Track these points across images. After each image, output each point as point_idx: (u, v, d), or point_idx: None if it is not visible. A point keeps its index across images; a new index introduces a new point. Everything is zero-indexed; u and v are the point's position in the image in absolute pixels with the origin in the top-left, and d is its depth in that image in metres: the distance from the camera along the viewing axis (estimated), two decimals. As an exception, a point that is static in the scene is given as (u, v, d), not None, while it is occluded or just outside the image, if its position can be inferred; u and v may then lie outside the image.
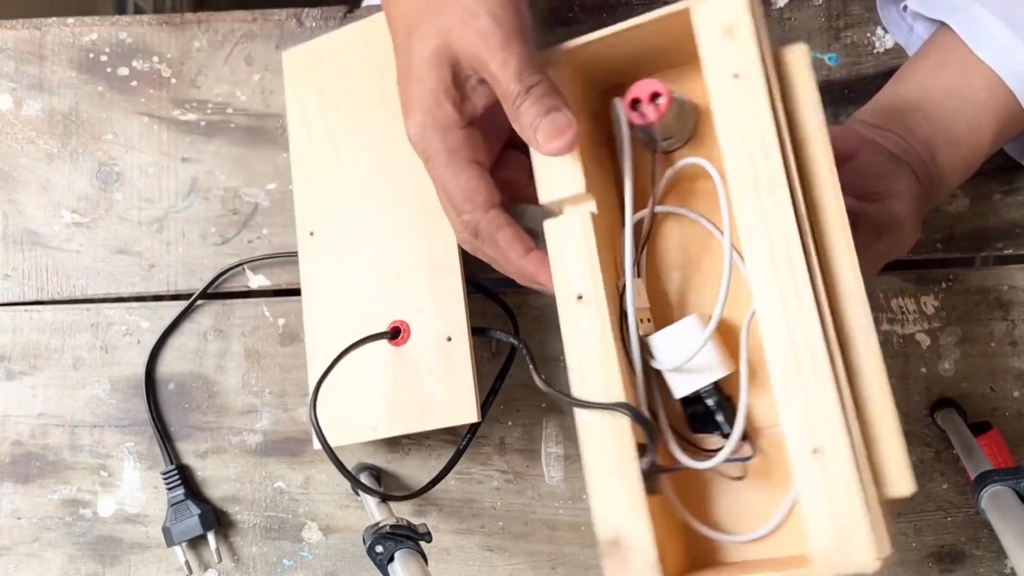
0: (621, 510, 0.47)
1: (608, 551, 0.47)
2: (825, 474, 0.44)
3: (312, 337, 0.63)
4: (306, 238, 0.64)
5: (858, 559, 0.43)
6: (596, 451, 0.49)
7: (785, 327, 0.45)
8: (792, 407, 0.45)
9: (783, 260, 0.46)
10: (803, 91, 0.48)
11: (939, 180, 0.59)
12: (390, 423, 0.60)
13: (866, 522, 0.43)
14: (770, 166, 0.46)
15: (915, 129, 0.59)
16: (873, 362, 0.46)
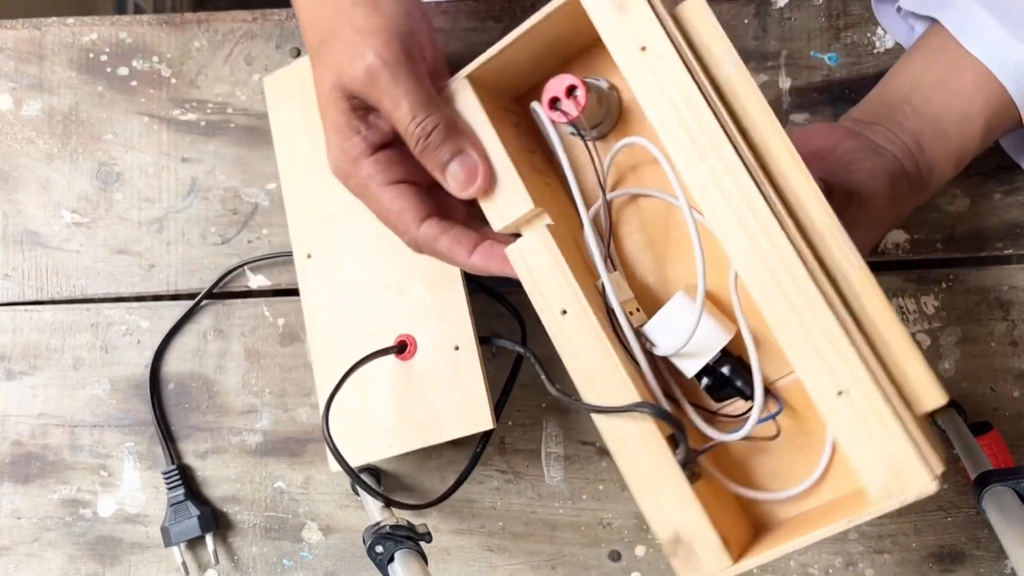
0: (671, 507, 0.48)
1: (672, 551, 0.47)
2: (857, 412, 0.44)
3: (319, 359, 0.63)
4: (303, 261, 0.64)
5: (914, 484, 0.43)
6: (629, 455, 0.49)
7: (770, 279, 0.45)
8: (804, 358, 0.45)
9: (748, 215, 0.45)
10: (714, 44, 0.46)
11: (928, 171, 0.59)
12: (406, 438, 0.60)
13: (911, 447, 0.43)
14: (705, 128, 0.46)
15: (903, 122, 0.59)
16: (866, 286, 0.45)
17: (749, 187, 0.45)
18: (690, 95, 0.46)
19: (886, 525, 0.66)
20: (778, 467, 0.52)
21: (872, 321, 0.45)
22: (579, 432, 0.67)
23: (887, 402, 0.44)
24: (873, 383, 0.44)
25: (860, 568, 0.66)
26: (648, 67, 0.46)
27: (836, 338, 0.44)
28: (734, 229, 0.45)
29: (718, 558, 0.46)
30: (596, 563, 0.67)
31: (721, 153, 0.45)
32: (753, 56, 0.69)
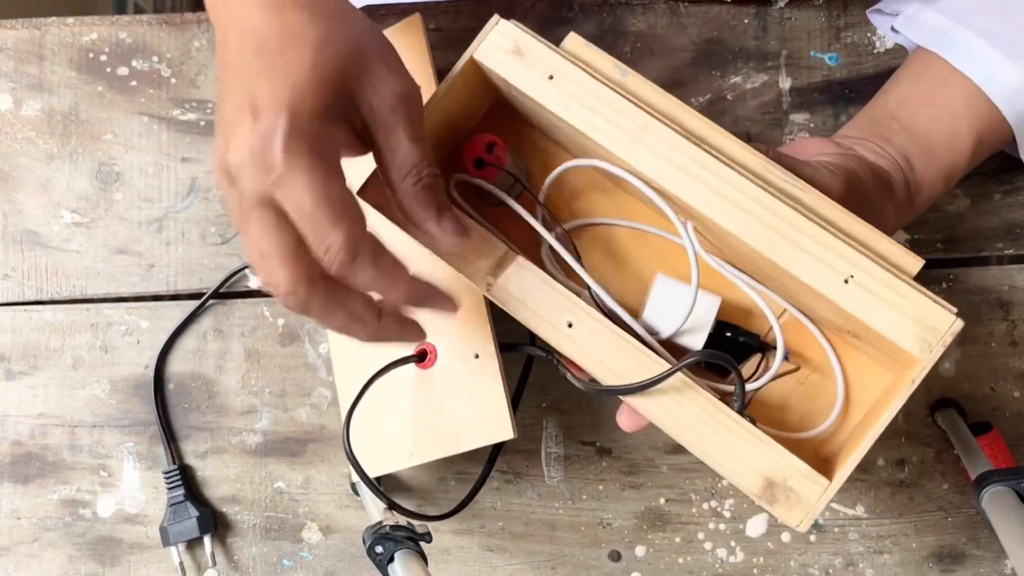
0: (750, 456, 0.49)
1: (769, 498, 0.48)
2: (868, 290, 0.48)
3: (341, 369, 0.63)
4: None
5: (943, 326, 0.47)
6: (688, 425, 0.50)
7: (745, 214, 0.49)
8: (805, 264, 0.48)
9: (700, 169, 0.49)
10: (601, 63, 0.51)
11: (917, 188, 0.59)
12: (425, 448, 0.60)
13: (923, 295, 0.47)
14: (628, 115, 0.50)
15: (891, 139, 0.59)
16: (817, 200, 0.50)
17: (688, 147, 0.49)
18: (604, 95, 0.50)
19: (886, 525, 0.66)
20: (802, 415, 0.54)
21: (837, 224, 0.49)
22: (579, 432, 0.67)
23: (888, 271, 0.48)
24: (869, 261, 0.48)
25: (860, 568, 0.66)
26: (560, 89, 0.50)
27: (823, 238, 0.48)
28: (694, 186, 0.49)
29: (815, 482, 0.48)
30: (596, 563, 0.67)
31: (651, 129, 0.49)
32: (753, 56, 0.69)
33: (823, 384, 0.54)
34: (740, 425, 0.49)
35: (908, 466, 0.66)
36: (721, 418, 0.49)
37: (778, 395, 0.55)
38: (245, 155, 0.43)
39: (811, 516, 0.47)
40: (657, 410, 0.50)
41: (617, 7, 0.70)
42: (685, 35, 0.69)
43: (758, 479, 0.48)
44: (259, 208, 0.44)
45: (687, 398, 0.49)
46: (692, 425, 0.49)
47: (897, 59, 0.69)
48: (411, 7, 0.67)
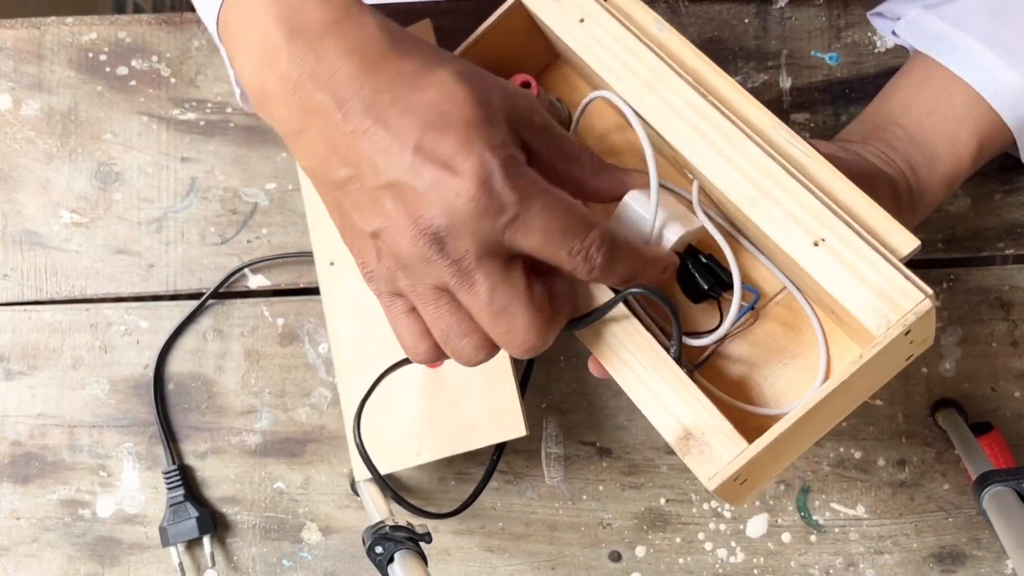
0: (674, 403, 0.48)
1: (684, 448, 0.47)
2: (836, 255, 0.45)
3: (343, 367, 0.63)
4: (326, 268, 0.64)
5: (908, 303, 0.44)
6: (622, 364, 0.49)
7: (731, 167, 0.48)
8: (775, 220, 0.47)
9: (700, 120, 0.49)
10: (642, 16, 0.52)
11: (920, 195, 0.59)
12: (434, 446, 0.60)
13: (897, 271, 0.45)
14: (648, 64, 0.50)
15: (896, 145, 0.60)
16: (821, 167, 0.48)
17: (697, 100, 0.49)
18: (629, 43, 0.51)
19: (887, 525, 0.66)
20: (778, 390, 0.52)
21: (833, 193, 0.47)
22: (579, 432, 0.67)
23: (864, 240, 0.45)
24: (847, 227, 0.46)
25: (861, 568, 0.66)
26: (588, 32, 0.52)
27: (803, 198, 0.47)
28: (692, 137, 0.49)
29: (733, 443, 0.46)
30: (596, 563, 0.66)
31: (666, 80, 0.50)
32: (753, 56, 0.69)
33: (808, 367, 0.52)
34: (672, 371, 0.48)
35: (909, 466, 0.66)
36: (655, 360, 0.48)
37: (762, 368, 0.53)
38: (463, 209, 0.40)
39: (721, 476, 0.45)
40: (602, 346, 0.50)
41: (617, 7, 0.70)
42: (685, 35, 0.69)
43: (678, 427, 0.47)
44: (487, 261, 0.42)
45: (629, 336, 0.49)
46: (629, 364, 0.49)
47: (897, 59, 0.69)
48: (413, 6, 0.67)
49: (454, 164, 0.41)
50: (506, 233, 0.41)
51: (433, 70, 0.43)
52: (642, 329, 0.49)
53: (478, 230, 0.41)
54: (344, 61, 0.42)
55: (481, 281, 0.42)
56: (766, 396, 0.52)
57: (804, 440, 0.48)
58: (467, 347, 0.45)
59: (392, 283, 0.44)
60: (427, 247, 0.41)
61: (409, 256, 0.42)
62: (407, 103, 0.42)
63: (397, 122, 0.41)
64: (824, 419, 0.48)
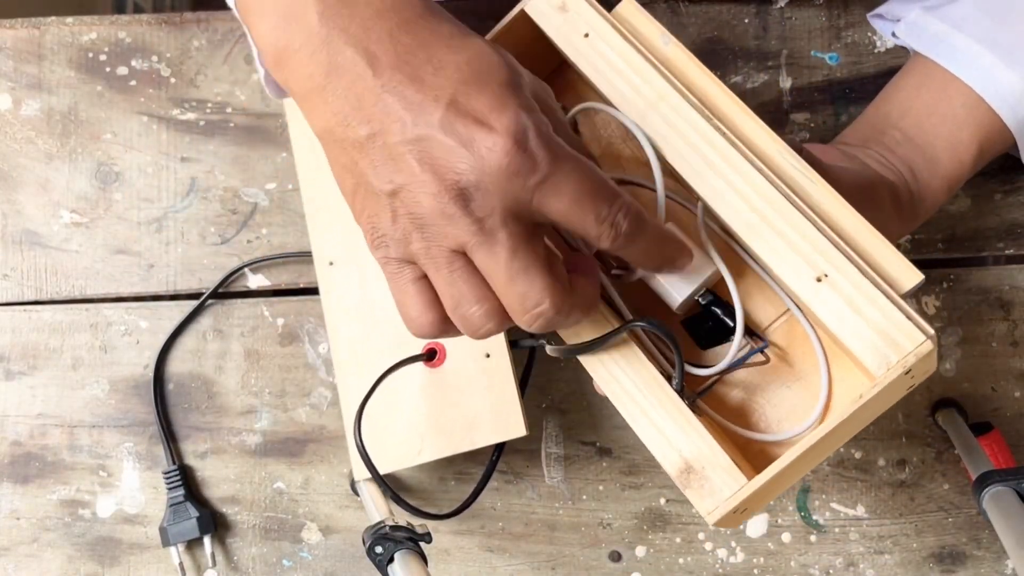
0: (676, 436, 0.48)
1: (684, 481, 0.47)
2: (840, 291, 0.45)
3: (342, 368, 0.63)
4: (325, 268, 0.63)
5: (910, 344, 0.44)
6: (624, 394, 0.49)
7: (737, 197, 0.47)
8: (779, 254, 0.46)
9: (705, 146, 0.48)
10: (647, 30, 0.52)
11: (920, 198, 0.59)
12: (434, 446, 0.60)
13: (898, 311, 0.44)
14: (650, 82, 0.50)
15: (895, 149, 0.60)
16: (825, 193, 0.48)
17: (700, 122, 0.48)
18: (632, 59, 0.50)
19: (887, 526, 0.66)
20: (780, 414, 0.52)
21: (837, 223, 0.47)
22: (579, 432, 0.67)
23: (866, 277, 0.45)
24: (849, 264, 0.45)
25: (861, 568, 0.66)
26: (592, 47, 0.51)
27: (806, 231, 0.46)
28: (695, 161, 0.48)
29: (733, 478, 0.46)
30: (596, 563, 0.66)
31: (669, 100, 0.49)
32: (753, 56, 0.69)
33: (807, 393, 0.52)
34: (674, 404, 0.48)
35: (909, 466, 0.66)
36: (657, 392, 0.48)
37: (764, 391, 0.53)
38: (494, 165, 0.40)
39: (721, 510, 0.46)
40: (605, 374, 0.50)
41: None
42: (685, 35, 0.69)
43: (679, 460, 0.47)
44: (511, 222, 0.41)
45: (631, 366, 0.49)
46: (632, 394, 0.49)
47: (897, 59, 0.68)
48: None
49: (489, 120, 0.40)
50: (535, 194, 0.41)
51: (467, 36, 0.43)
52: (645, 359, 0.49)
53: (508, 188, 0.40)
54: (379, 19, 0.42)
55: (503, 241, 0.41)
56: (768, 419, 0.52)
57: (802, 469, 0.48)
58: (478, 314, 0.43)
59: (404, 247, 0.43)
60: (451, 203, 0.40)
61: (430, 213, 0.41)
62: (442, 62, 0.42)
63: (431, 79, 0.41)
64: (822, 450, 0.48)
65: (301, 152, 0.65)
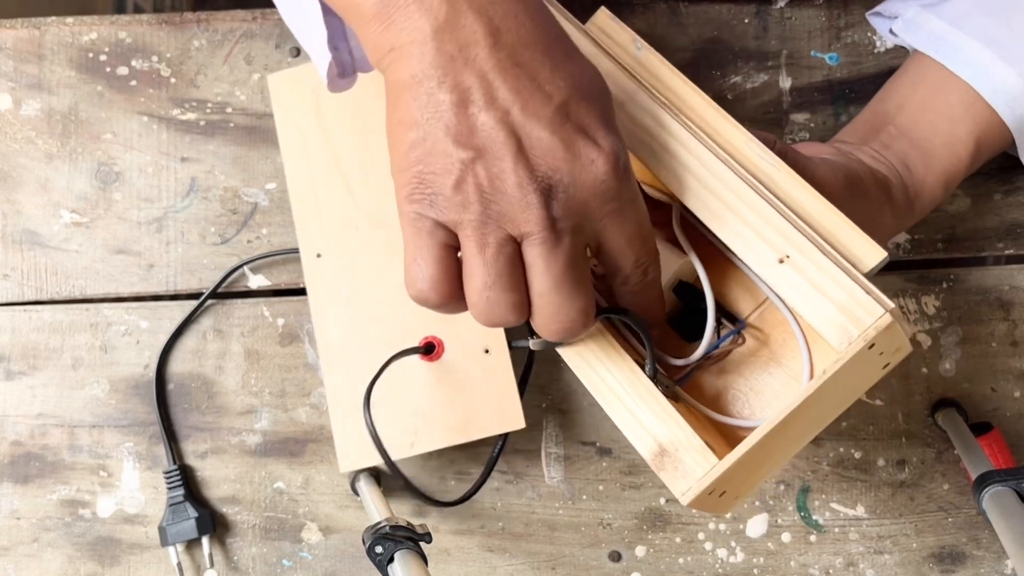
0: (649, 421, 0.48)
1: (658, 464, 0.48)
2: (801, 271, 0.46)
3: (329, 362, 0.63)
4: (313, 261, 0.63)
5: (869, 318, 0.44)
6: (600, 381, 0.50)
7: (698, 184, 0.48)
8: (741, 237, 0.47)
9: (668, 139, 0.49)
10: (620, 36, 0.53)
11: (916, 193, 0.59)
12: (430, 438, 0.60)
13: (858, 287, 0.45)
14: (620, 84, 0.51)
15: (890, 144, 0.59)
16: (788, 179, 0.48)
17: (666, 119, 0.49)
18: (600, 63, 0.51)
19: (887, 525, 0.66)
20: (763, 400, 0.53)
21: (801, 207, 0.48)
22: (579, 432, 0.67)
23: (827, 257, 0.45)
24: (810, 244, 0.46)
25: (860, 568, 0.66)
26: None
27: (767, 214, 0.47)
28: (662, 155, 0.49)
29: (705, 458, 0.47)
30: (596, 563, 0.66)
31: (636, 99, 0.50)
32: (753, 56, 0.69)
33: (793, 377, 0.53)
34: (646, 389, 0.49)
35: (908, 466, 0.66)
36: (631, 378, 0.49)
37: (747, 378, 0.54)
38: (590, 178, 0.42)
39: (694, 490, 0.46)
40: (582, 364, 0.51)
41: (617, 7, 0.69)
42: (685, 35, 0.69)
43: (653, 444, 0.48)
44: (578, 236, 0.43)
45: (606, 354, 0.50)
46: (606, 380, 0.50)
47: (897, 59, 0.69)
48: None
49: (596, 136, 0.42)
50: (605, 219, 0.43)
51: (578, 50, 0.44)
52: (619, 348, 0.50)
53: (591, 202, 0.42)
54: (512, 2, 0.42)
55: (567, 248, 0.42)
56: (752, 406, 0.53)
57: (784, 450, 0.49)
58: (504, 302, 0.44)
59: (455, 213, 0.42)
60: (535, 194, 0.41)
61: (507, 194, 0.41)
62: (557, 63, 0.42)
63: (547, 75, 0.42)
64: (802, 430, 0.48)
65: (288, 142, 0.65)
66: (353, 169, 0.64)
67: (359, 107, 0.64)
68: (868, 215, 0.56)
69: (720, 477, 0.46)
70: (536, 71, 0.42)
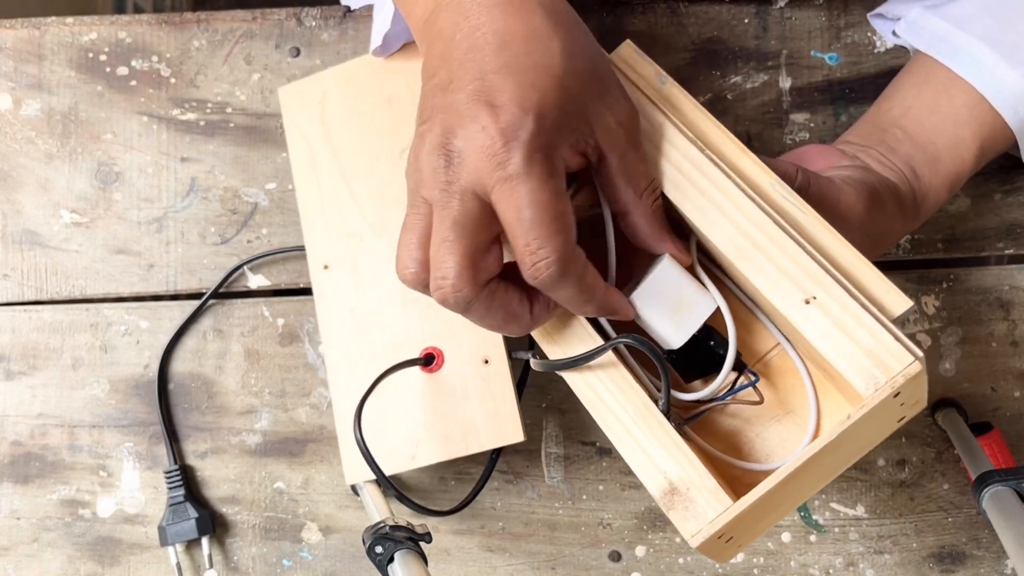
0: (661, 457, 0.47)
1: (668, 503, 0.47)
2: (827, 313, 0.45)
3: (336, 372, 0.63)
4: (320, 272, 0.63)
5: (898, 365, 0.43)
6: (610, 414, 0.49)
7: (727, 222, 0.47)
8: (768, 276, 0.46)
9: (696, 173, 0.48)
10: (645, 70, 0.52)
11: (922, 196, 0.59)
12: (430, 450, 0.60)
13: (887, 333, 0.44)
14: (647, 115, 0.50)
15: (896, 147, 0.59)
16: (815, 224, 0.48)
17: (694, 153, 0.49)
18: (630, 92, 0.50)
19: (886, 525, 0.66)
20: (769, 447, 0.52)
21: (828, 251, 0.47)
22: (579, 432, 0.67)
23: (855, 300, 0.45)
24: (838, 286, 0.45)
25: (860, 568, 0.66)
26: None
27: (796, 254, 0.46)
28: (688, 190, 0.48)
29: (717, 500, 0.45)
30: (596, 563, 0.66)
31: (665, 133, 0.49)
32: (753, 56, 0.69)
33: (800, 424, 0.52)
34: (659, 424, 0.48)
35: (908, 466, 0.66)
36: (643, 412, 0.48)
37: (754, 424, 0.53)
38: (477, 143, 0.43)
39: (704, 533, 0.45)
40: (588, 392, 0.49)
41: (617, 7, 0.70)
42: (685, 35, 0.69)
43: (663, 481, 0.47)
44: (468, 197, 0.44)
45: (617, 385, 0.49)
46: (616, 412, 0.48)
47: (897, 59, 0.69)
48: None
49: (499, 110, 0.43)
50: (494, 188, 0.43)
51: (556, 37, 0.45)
52: (630, 378, 0.49)
53: (477, 168, 0.43)
54: None
55: (454, 208, 0.44)
56: (757, 452, 0.52)
57: (794, 498, 0.48)
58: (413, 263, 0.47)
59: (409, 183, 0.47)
60: (434, 158, 0.44)
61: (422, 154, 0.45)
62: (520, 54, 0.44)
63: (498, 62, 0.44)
64: (814, 478, 0.47)
65: (297, 154, 0.65)
66: (357, 177, 0.64)
67: (361, 115, 0.64)
68: (884, 226, 0.57)
69: (732, 521, 0.45)
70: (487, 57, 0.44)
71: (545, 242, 0.43)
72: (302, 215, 0.64)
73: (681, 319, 0.50)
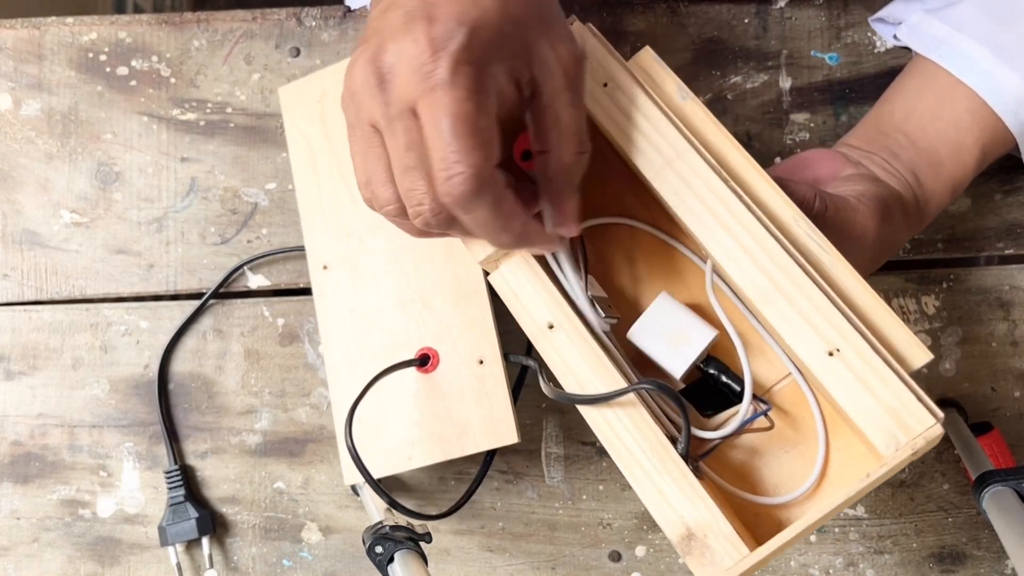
0: (679, 502, 0.47)
1: (685, 548, 0.46)
2: (850, 367, 0.45)
3: (335, 372, 0.62)
4: (320, 272, 0.63)
5: (919, 427, 0.43)
6: (628, 454, 0.49)
7: (750, 261, 0.47)
8: (792, 324, 0.46)
9: (720, 207, 0.48)
10: (666, 83, 0.51)
11: (925, 203, 0.60)
12: (426, 451, 0.60)
13: (909, 393, 0.44)
14: (670, 138, 0.49)
15: (899, 153, 0.59)
16: (838, 265, 0.47)
17: (717, 184, 0.48)
18: (650, 113, 0.50)
19: (887, 525, 0.66)
20: (779, 478, 0.52)
21: (849, 296, 0.47)
22: (579, 432, 0.67)
23: (878, 355, 0.45)
24: (862, 339, 0.45)
25: (861, 568, 0.66)
26: (611, 98, 0.50)
27: (820, 303, 0.46)
28: (709, 222, 0.48)
29: (735, 547, 0.45)
30: (596, 563, 0.66)
31: (687, 158, 0.49)
32: (753, 56, 0.69)
33: (806, 457, 0.52)
34: (677, 468, 0.47)
35: (908, 466, 0.66)
36: (662, 455, 0.48)
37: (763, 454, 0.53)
38: (407, 55, 0.41)
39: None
40: (607, 429, 0.49)
41: (617, 7, 0.70)
42: (685, 35, 0.69)
43: (680, 526, 0.47)
44: (408, 118, 0.43)
45: (636, 425, 0.48)
46: (634, 453, 0.48)
47: (897, 59, 0.69)
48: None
49: (434, 21, 0.42)
50: (420, 101, 0.42)
51: None
52: (651, 420, 0.49)
53: (407, 81, 0.42)
54: None
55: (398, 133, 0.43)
56: (766, 483, 0.52)
57: (800, 538, 0.48)
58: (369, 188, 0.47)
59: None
60: (368, 83, 0.43)
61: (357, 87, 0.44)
62: None
63: None
64: (822, 521, 0.47)
65: (297, 154, 0.65)
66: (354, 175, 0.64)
67: None
68: (891, 237, 0.57)
69: (748, 570, 0.45)
70: None
71: (462, 156, 0.41)
72: (302, 215, 0.64)
73: (680, 349, 0.51)
